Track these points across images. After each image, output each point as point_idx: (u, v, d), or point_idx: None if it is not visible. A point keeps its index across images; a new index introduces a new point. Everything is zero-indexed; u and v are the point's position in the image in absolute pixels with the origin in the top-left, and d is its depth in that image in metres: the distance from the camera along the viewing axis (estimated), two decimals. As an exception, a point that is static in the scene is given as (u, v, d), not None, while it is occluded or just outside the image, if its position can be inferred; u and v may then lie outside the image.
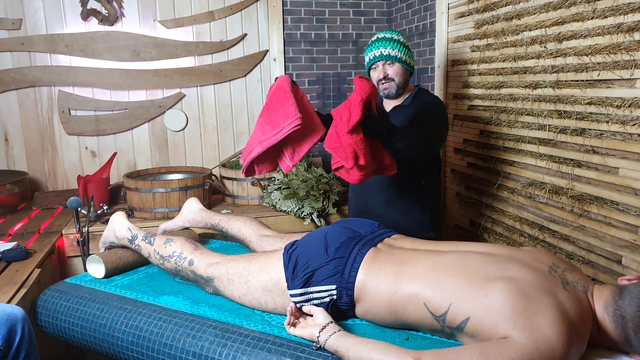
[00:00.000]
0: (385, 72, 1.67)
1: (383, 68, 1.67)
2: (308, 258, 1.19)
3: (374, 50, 1.67)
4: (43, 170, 2.65)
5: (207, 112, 2.80)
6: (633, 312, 0.92)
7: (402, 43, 1.69)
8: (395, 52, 1.66)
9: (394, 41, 1.67)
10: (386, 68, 1.67)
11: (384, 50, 1.65)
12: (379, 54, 1.66)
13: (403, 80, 1.70)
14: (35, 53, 2.53)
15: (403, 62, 1.68)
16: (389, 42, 1.67)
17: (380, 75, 1.68)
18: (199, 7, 2.68)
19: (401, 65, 1.68)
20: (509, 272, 0.99)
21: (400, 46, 1.67)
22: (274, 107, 1.32)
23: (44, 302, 1.47)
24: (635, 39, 1.39)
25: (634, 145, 1.42)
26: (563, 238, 1.73)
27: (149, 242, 1.50)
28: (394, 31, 1.74)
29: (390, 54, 1.65)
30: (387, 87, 1.69)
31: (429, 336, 1.10)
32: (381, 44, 1.66)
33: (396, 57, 1.66)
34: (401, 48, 1.68)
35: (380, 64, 1.67)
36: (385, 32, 1.72)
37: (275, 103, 1.33)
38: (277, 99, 1.33)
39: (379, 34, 1.72)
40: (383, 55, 1.65)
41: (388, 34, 1.70)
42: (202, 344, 1.14)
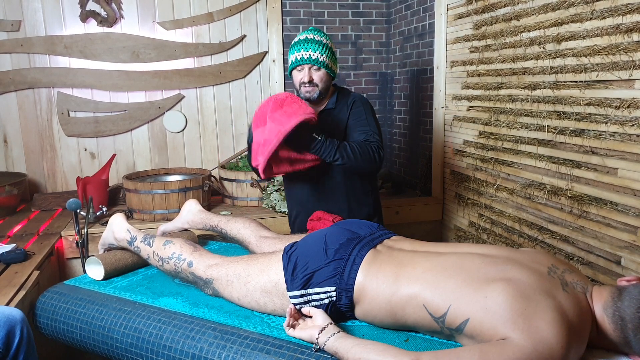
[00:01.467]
0: (310, 76, 1.62)
1: (309, 72, 1.62)
2: (307, 259, 1.19)
3: (302, 52, 1.61)
4: (42, 172, 2.64)
5: (206, 113, 2.80)
6: (632, 313, 0.92)
7: (330, 48, 1.65)
8: (323, 58, 1.61)
9: (323, 45, 1.62)
10: (312, 72, 1.62)
11: (313, 53, 1.60)
12: (307, 57, 1.60)
13: (326, 87, 1.66)
14: (35, 54, 2.53)
15: (329, 69, 1.64)
16: (318, 45, 1.61)
17: (305, 79, 1.62)
18: (198, 8, 2.68)
19: (326, 72, 1.63)
20: (508, 274, 0.99)
21: (327, 51, 1.63)
22: (289, 103, 1.46)
23: (43, 304, 1.46)
24: (633, 39, 1.39)
25: (633, 146, 1.42)
26: (562, 239, 1.73)
27: (148, 244, 1.50)
28: (321, 32, 1.68)
29: (318, 59, 1.60)
30: (309, 91, 1.64)
31: (428, 337, 1.10)
32: (310, 46, 1.61)
33: (323, 64, 1.61)
34: (329, 53, 1.63)
35: (306, 67, 1.62)
36: (314, 33, 1.65)
37: (290, 102, 1.48)
38: (292, 100, 1.48)
39: (307, 34, 1.65)
40: (311, 59, 1.60)
41: (317, 35, 1.64)
42: (202, 346, 1.14)
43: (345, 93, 1.74)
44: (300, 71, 1.63)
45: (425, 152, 2.69)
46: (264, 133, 1.47)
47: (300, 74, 1.64)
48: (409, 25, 2.76)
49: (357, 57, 2.98)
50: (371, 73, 3.03)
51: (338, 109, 1.69)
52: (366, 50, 2.99)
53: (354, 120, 1.66)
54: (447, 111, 2.43)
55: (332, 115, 1.69)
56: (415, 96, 2.76)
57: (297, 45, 1.64)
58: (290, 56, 1.67)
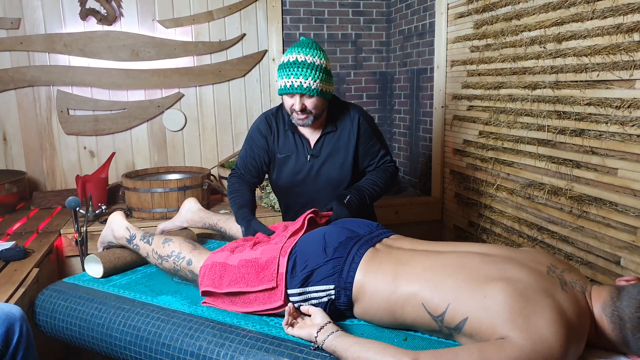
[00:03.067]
0: (302, 104, 1.45)
1: (300, 100, 1.45)
2: (306, 258, 1.19)
3: (292, 78, 1.43)
4: (42, 170, 2.64)
5: (205, 112, 2.79)
6: (631, 313, 0.92)
7: (323, 68, 1.45)
8: (315, 84, 1.43)
9: (314, 68, 1.43)
10: (304, 100, 1.45)
11: (304, 81, 1.41)
12: (298, 86, 1.42)
13: (321, 111, 1.52)
14: (34, 52, 2.53)
15: (323, 94, 1.47)
16: (309, 69, 1.42)
17: (296, 108, 1.46)
18: (198, 7, 2.68)
19: (320, 98, 1.47)
20: (508, 273, 0.99)
21: (320, 74, 1.44)
22: None
23: (42, 301, 1.46)
24: (634, 39, 1.39)
25: (633, 146, 1.42)
26: (562, 239, 1.73)
27: (148, 242, 1.50)
28: (312, 48, 1.47)
29: (310, 87, 1.42)
30: (302, 118, 1.49)
31: (427, 336, 1.10)
32: (300, 72, 1.42)
33: (316, 91, 1.44)
34: (322, 76, 1.44)
35: (297, 95, 1.45)
36: (304, 52, 1.45)
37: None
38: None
39: (298, 54, 1.45)
40: (302, 88, 1.42)
41: (308, 56, 1.44)
42: (200, 344, 1.14)
43: (343, 111, 1.60)
44: (291, 98, 1.47)
45: (425, 152, 2.69)
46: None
47: (291, 100, 1.48)
48: (409, 25, 2.76)
49: (357, 56, 2.98)
50: (371, 72, 3.02)
51: (340, 129, 1.58)
52: (366, 49, 2.99)
53: (364, 146, 1.59)
54: (447, 111, 2.42)
55: (335, 139, 1.58)
56: (415, 95, 2.76)
57: (286, 69, 1.45)
58: (278, 80, 1.48)
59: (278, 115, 1.63)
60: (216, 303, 1.29)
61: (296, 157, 1.60)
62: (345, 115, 1.60)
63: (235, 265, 1.26)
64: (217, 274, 1.27)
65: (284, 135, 1.61)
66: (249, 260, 1.24)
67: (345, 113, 1.60)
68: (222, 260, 1.30)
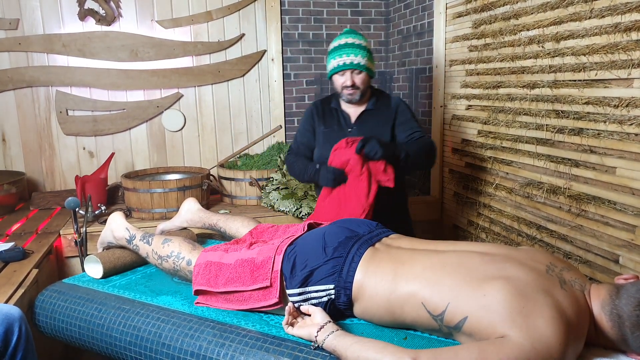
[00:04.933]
0: (352, 80, 1.71)
1: (351, 76, 1.71)
2: (306, 257, 1.19)
3: (344, 57, 1.69)
4: (41, 171, 2.64)
5: (205, 112, 2.79)
6: (630, 311, 0.92)
7: (368, 50, 1.73)
8: (364, 61, 1.70)
9: (362, 48, 1.71)
10: (354, 77, 1.71)
11: (354, 58, 1.69)
12: (349, 63, 1.69)
13: (366, 88, 1.76)
14: (33, 53, 2.52)
15: (369, 70, 1.73)
16: (358, 49, 1.70)
17: (347, 83, 1.71)
18: (197, 7, 2.68)
19: (367, 74, 1.73)
20: (507, 272, 0.99)
21: (367, 53, 1.71)
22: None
23: (41, 302, 1.46)
24: (632, 38, 1.39)
25: (631, 145, 1.42)
26: (561, 237, 1.73)
27: (147, 242, 1.50)
28: (358, 34, 1.75)
29: (360, 64, 1.69)
30: (352, 93, 1.74)
31: (426, 335, 1.10)
32: (351, 51, 1.69)
33: (365, 67, 1.70)
34: (368, 55, 1.72)
35: (347, 72, 1.70)
36: (352, 36, 1.73)
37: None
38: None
39: (346, 38, 1.73)
40: (353, 64, 1.69)
41: (356, 39, 1.72)
42: (200, 344, 1.14)
43: (384, 96, 1.84)
44: (342, 75, 1.72)
45: (424, 151, 2.69)
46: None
47: (342, 78, 1.72)
48: (408, 24, 2.76)
49: (356, 56, 2.98)
50: (370, 72, 3.03)
51: (378, 109, 1.79)
52: (365, 49, 2.99)
53: (401, 123, 1.77)
54: (446, 110, 2.43)
55: (374, 116, 1.79)
56: (414, 95, 2.76)
57: (338, 51, 1.72)
58: (330, 61, 1.74)
59: (325, 99, 1.90)
60: (210, 302, 1.29)
61: (338, 130, 1.79)
62: (385, 97, 1.83)
63: (232, 265, 1.26)
64: (212, 273, 1.28)
65: (329, 112, 1.84)
66: (246, 260, 1.25)
67: (385, 97, 1.84)
68: (217, 259, 1.30)
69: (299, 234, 1.30)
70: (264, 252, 1.25)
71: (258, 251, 1.26)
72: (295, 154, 1.87)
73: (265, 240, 1.43)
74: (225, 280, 1.25)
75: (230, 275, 1.24)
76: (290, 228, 1.44)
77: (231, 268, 1.25)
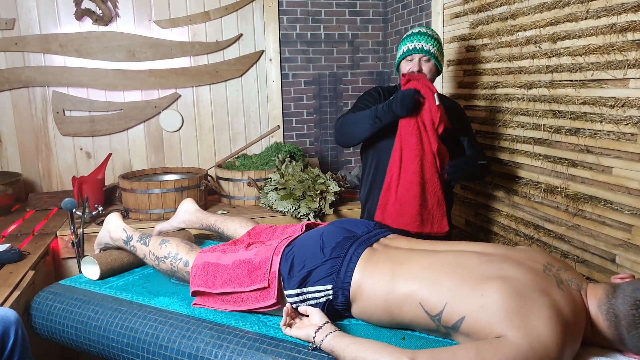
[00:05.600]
0: (420, 66, 1.68)
1: (419, 62, 1.69)
2: (304, 258, 1.19)
3: (415, 42, 1.68)
4: (37, 171, 2.63)
5: (202, 112, 2.79)
6: (626, 310, 0.92)
7: (440, 42, 1.73)
8: (434, 50, 1.68)
9: (434, 39, 1.70)
10: (422, 63, 1.69)
11: (425, 44, 1.67)
12: (420, 47, 1.67)
13: (433, 78, 1.73)
14: (29, 53, 2.51)
15: (437, 61, 1.72)
16: (430, 38, 1.69)
17: (414, 68, 1.68)
18: (195, 7, 2.67)
19: (435, 64, 1.71)
20: (504, 272, 1.00)
21: (438, 45, 1.71)
22: None
23: (38, 304, 1.46)
24: (628, 39, 1.40)
25: (628, 145, 1.43)
26: (558, 237, 1.74)
27: (144, 243, 1.50)
28: (432, 29, 1.75)
29: (430, 50, 1.68)
30: None
31: (424, 336, 1.10)
32: (423, 38, 1.68)
33: (434, 55, 1.69)
34: (439, 47, 1.71)
35: (416, 57, 1.69)
36: (426, 28, 1.74)
37: None
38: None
39: (421, 28, 1.74)
40: (423, 50, 1.67)
41: (429, 30, 1.73)
42: (198, 345, 1.14)
43: (445, 96, 1.83)
44: (410, 61, 1.70)
45: (422, 151, 2.69)
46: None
47: (409, 64, 1.70)
48: (405, 24, 2.77)
49: (354, 56, 2.98)
50: (368, 72, 3.03)
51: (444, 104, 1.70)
52: (363, 49, 2.99)
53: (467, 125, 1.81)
54: (444, 110, 2.43)
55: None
56: (412, 95, 2.76)
57: (410, 37, 1.71)
58: (401, 47, 1.73)
59: (387, 88, 1.85)
60: (207, 303, 1.29)
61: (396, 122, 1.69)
62: (444, 97, 1.78)
63: (229, 266, 1.26)
64: (209, 274, 1.27)
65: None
66: (243, 261, 1.25)
67: (445, 97, 1.79)
68: (214, 260, 1.30)
69: (296, 235, 1.30)
70: (261, 253, 1.25)
71: (256, 252, 1.26)
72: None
73: (263, 241, 1.43)
74: (222, 281, 1.25)
75: (227, 276, 1.24)
76: (288, 229, 1.44)
77: (229, 269, 1.25)
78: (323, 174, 2.48)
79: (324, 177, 2.45)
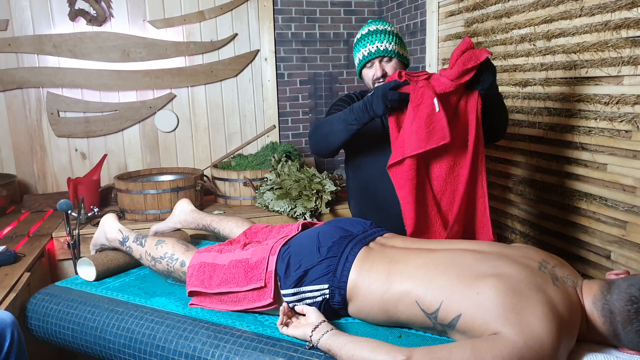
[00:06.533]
0: (382, 69, 1.49)
1: (380, 65, 1.50)
2: (300, 258, 1.19)
3: (368, 46, 1.49)
4: (32, 173, 2.62)
5: (198, 112, 2.78)
6: (621, 306, 0.93)
7: (396, 35, 1.53)
8: (392, 46, 1.49)
9: (387, 33, 1.50)
10: (383, 65, 1.50)
11: (380, 44, 1.47)
12: (375, 50, 1.48)
13: None
14: (23, 54, 2.50)
15: (400, 57, 1.51)
16: (383, 35, 1.49)
17: (377, 74, 1.50)
18: (189, 7, 2.66)
19: (398, 60, 1.51)
20: (500, 269, 1.00)
21: (394, 38, 1.51)
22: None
23: (34, 305, 1.45)
24: (622, 36, 1.40)
25: (622, 142, 1.44)
26: (553, 234, 1.75)
27: (140, 244, 1.49)
28: (384, 21, 1.55)
29: (387, 49, 1.48)
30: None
31: (421, 333, 1.10)
32: (375, 38, 1.48)
33: (394, 52, 1.49)
34: (396, 40, 1.51)
35: (376, 61, 1.50)
36: (376, 23, 1.53)
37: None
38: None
39: (369, 26, 1.53)
40: (380, 51, 1.48)
41: (380, 25, 1.52)
42: (195, 345, 1.14)
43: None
44: (371, 67, 1.51)
45: (418, 150, 2.70)
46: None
47: (371, 71, 1.51)
48: (400, 23, 2.77)
49: (349, 55, 2.98)
50: (363, 71, 3.03)
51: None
52: (358, 48, 2.99)
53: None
54: (439, 108, 2.43)
55: None
56: (408, 94, 2.77)
57: (362, 41, 1.51)
58: (356, 55, 1.55)
59: (361, 93, 1.65)
60: (204, 303, 1.29)
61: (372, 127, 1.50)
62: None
63: (226, 265, 1.26)
64: (206, 274, 1.27)
65: None
66: (240, 261, 1.24)
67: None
68: (211, 260, 1.29)
69: (293, 234, 1.30)
70: (258, 253, 1.24)
71: (252, 252, 1.26)
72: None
73: (259, 240, 1.43)
74: (219, 281, 1.24)
75: (224, 276, 1.24)
76: (285, 228, 1.44)
77: (225, 269, 1.25)
78: (319, 174, 2.48)
79: (320, 176, 2.45)
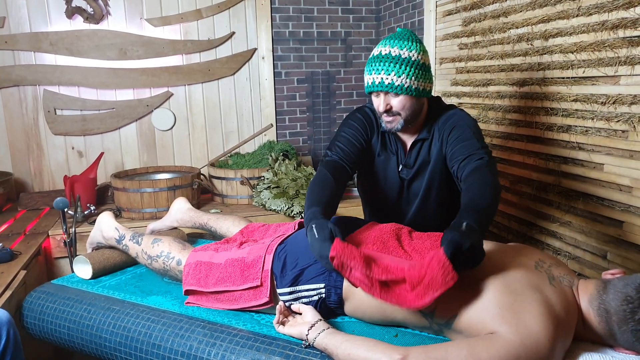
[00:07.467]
0: (387, 104, 1.28)
1: (385, 98, 1.28)
2: (297, 256, 1.19)
3: (373, 74, 1.26)
4: (29, 171, 2.61)
5: (195, 111, 2.78)
6: (617, 306, 0.93)
7: (414, 62, 1.24)
8: (400, 81, 1.23)
9: (400, 62, 1.23)
10: (389, 99, 1.28)
11: (386, 77, 1.23)
12: (379, 82, 1.25)
13: (412, 113, 1.30)
14: (19, 52, 2.49)
15: (413, 91, 1.25)
16: (394, 64, 1.23)
17: (381, 108, 1.29)
18: (187, 5, 2.66)
19: (409, 96, 1.27)
20: (496, 269, 1.00)
21: (409, 68, 1.23)
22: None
23: (30, 304, 1.45)
24: (619, 36, 1.41)
25: (619, 142, 1.44)
26: (550, 234, 1.75)
27: (137, 242, 1.49)
28: (405, 39, 1.27)
29: (393, 84, 1.23)
30: (390, 121, 1.30)
31: (417, 333, 1.10)
32: (382, 67, 1.24)
33: (400, 88, 1.24)
34: (412, 71, 1.24)
35: (381, 94, 1.28)
36: (392, 44, 1.26)
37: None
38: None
39: (383, 46, 1.27)
40: (384, 86, 1.24)
41: (396, 48, 1.24)
42: (191, 344, 1.14)
43: (447, 115, 1.35)
44: (377, 97, 1.30)
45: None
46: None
47: (377, 100, 1.30)
48: (398, 22, 2.77)
49: (346, 54, 2.98)
50: (361, 70, 3.02)
51: (435, 138, 1.34)
52: (356, 47, 2.99)
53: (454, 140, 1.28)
54: (437, 108, 2.44)
55: (426, 147, 1.36)
56: (405, 93, 2.77)
57: (370, 64, 1.27)
58: (365, 75, 1.32)
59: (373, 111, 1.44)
60: (200, 302, 1.29)
61: (387, 161, 1.39)
62: (445, 121, 1.33)
63: (222, 264, 1.25)
64: (202, 273, 1.27)
65: (381, 134, 1.41)
66: (236, 260, 1.24)
67: (447, 119, 1.33)
68: (207, 259, 1.29)
69: (289, 233, 1.30)
70: (254, 252, 1.24)
71: (248, 250, 1.26)
72: (326, 165, 1.31)
73: (255, 239, 1.43)
74: (215, 280, 1.24)
75: (220, 274, 1.24)
76: (281, 227, 1.44)
77: (221, 268, 1.25)
78: (317, 172, 2.47)
79: (317, 175, 2.45)
